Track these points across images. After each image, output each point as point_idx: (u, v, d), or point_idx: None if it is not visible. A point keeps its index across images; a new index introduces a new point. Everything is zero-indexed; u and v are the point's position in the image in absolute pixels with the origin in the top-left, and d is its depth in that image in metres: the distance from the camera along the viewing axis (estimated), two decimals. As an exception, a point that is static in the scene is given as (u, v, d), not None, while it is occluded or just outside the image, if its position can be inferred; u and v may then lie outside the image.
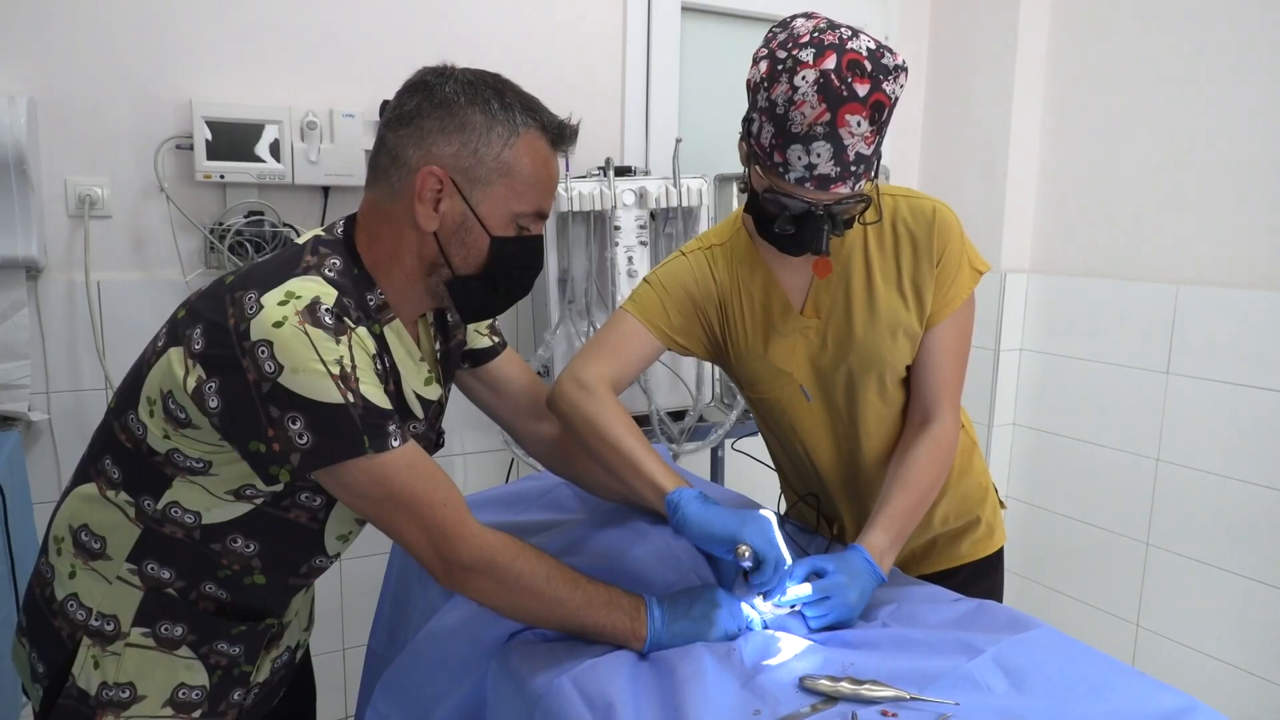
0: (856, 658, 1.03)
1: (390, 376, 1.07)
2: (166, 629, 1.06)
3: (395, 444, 0.99)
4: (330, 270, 1.03)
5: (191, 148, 1.98)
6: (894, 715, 0.93)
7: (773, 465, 1.61)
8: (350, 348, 0.96)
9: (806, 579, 1.14)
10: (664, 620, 1.07)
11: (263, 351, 0.93)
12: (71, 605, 1.07)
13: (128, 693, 1.06)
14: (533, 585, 1.04)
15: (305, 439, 0.95)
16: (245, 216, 2.06)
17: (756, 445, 1.67)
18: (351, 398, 0.95)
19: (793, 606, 1.13)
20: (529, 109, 1.06)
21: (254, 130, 2.01)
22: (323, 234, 1.09)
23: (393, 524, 1.02)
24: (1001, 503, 1.57)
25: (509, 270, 1.09)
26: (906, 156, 3.06)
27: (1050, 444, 2.83)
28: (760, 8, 2.72)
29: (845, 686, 0.95)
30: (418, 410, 1.13)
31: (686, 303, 1.35)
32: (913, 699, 0.94)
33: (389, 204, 1.06)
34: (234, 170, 2.00)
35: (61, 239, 1.96)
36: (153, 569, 1.06)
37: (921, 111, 3.07)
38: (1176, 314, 2.46)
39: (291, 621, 1.23)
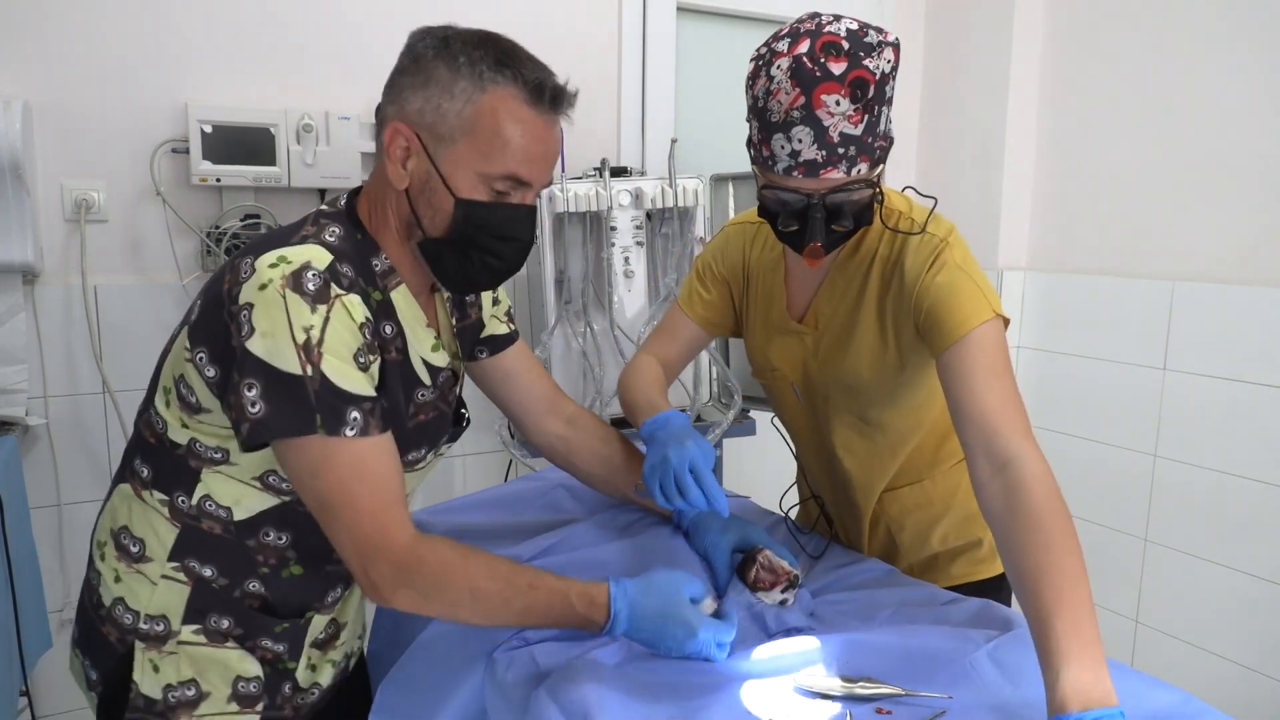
0: (850, 656, 1.03)
1: (394, 342, 1.05)
2: (215, 621, 1.05)
3: (349, 433, 0.93)
4: (330, 236, 1.02)
5: (187, 151, 1.98)
6: (888, 713, 0.93)
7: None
8: (328, 317, 0.92)
9: None
10: (630, 627, 1.02)
11: (244, 314, 0.92)
12: (119, 610, 1.05)
13: (193, 690, 1.05)
14: (455, 599, 0.99)
15: (257, 408, 0.91)
16: (242, 220, 2.06)
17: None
18: (310, 370, 0.91)
19: None
20: (502, 64, 1.00)
21: (250, 133, 2.01)
22: (325, 206, 1.09)
23: (324, 525, 0.98)
24: None
25: (480, 237, 1.04)
26: (903, 155, 3.06)
27: (1048, 441, 2.80)
28: (756, 8, 2.72)
29: (838, 685, 0.95)
30: (425, 377, 1.10)
31: (716, 272, 1.44)
32: (907, 695, 0.94)
33: (378, 165, 1.07)
34: (230, 173, 2.00)
35: (58, 243, 1.97)
36: (194, 566, 1.04)
37: (917, 109, 3.07)
38: (1173, 310, 2.47)
39: (347, 624, 1.20)
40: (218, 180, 2.00)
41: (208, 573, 1.05)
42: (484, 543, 1.35)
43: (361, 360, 0.96)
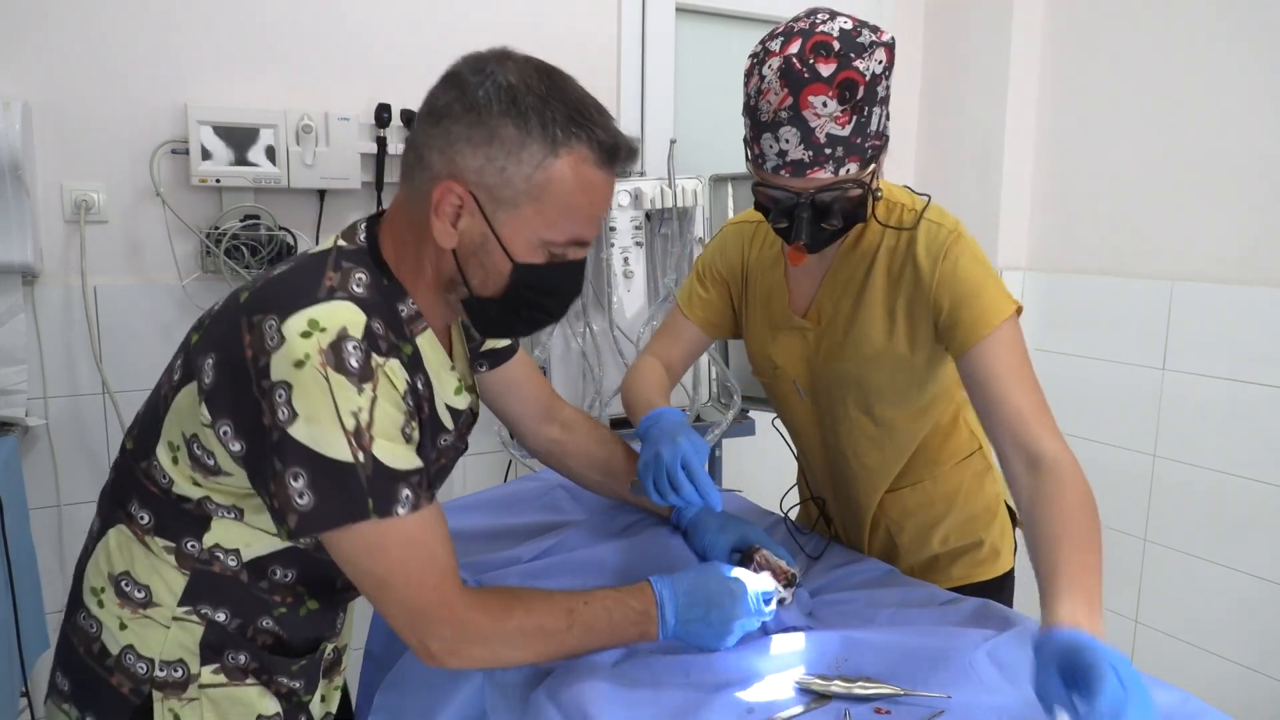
0: (849, 655, 1.03)
1: (424, 394, 1.00)
2: (232, 657, 1.01)
3: (401, 511, 0.90)
4: (358, 286, 0.93)
5: (187, 152, 1.98)
6: (887, 712, 0.93)
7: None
8: (375, 396, 0.88)
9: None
10: (678, 620, 1.02)
11: (280, 395, 0.85)
12: (130, 658, 0.99)
13: None
14: (523, 638, 0.97)
15: (305, 498, 0.87)
16: (241, 220, 2.06)
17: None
18: (362, 457, 0.87)
19: None
20: (576, 123, 0.92)
21: (250, 134, 2.01)
22: (344, 244, 0.99)
23: (378, 601, 0.94)
24: (1019, 523, 1.49)
25: (534, 297, 0.99)
26: (902, 155, 3.06)
27: (1048, 441, 2.83)
28: (754, 8, 2.72)
29: (838, 685, 0.95)
30: (448, 422, 1.06)
31: (714, 272, 1.45)
32: (906, 694, 0.94)
33: (412, 208, 0.97)
34: (230, 174, 2.00)
35: (58, 244, 1.97)
36: (207, 612, 0.99)
37: (916, 109, 3.07)
38: (1172, 310, 2.47)
39: (345, 646, 1.19)
40: (217, 181, 2.00)
41: (220, 617, 1.00)
42: (483, 544, 1.36)
43: (407, 432, 0.93)
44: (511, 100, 0.90)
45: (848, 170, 1.11)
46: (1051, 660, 0.86)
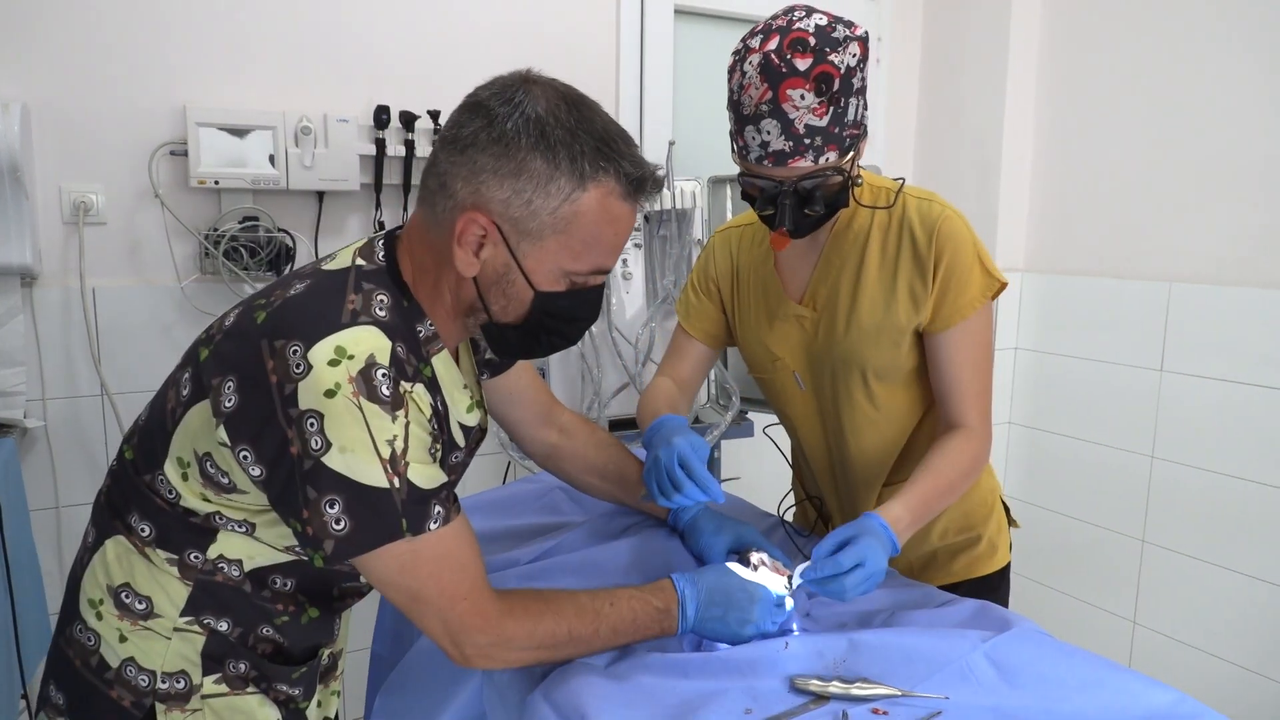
0: (846, 656, 1.03)
1: (442, 416, 1.01)
2: (233, 666, 1.01)
3: (433, 526, 0.92)
4: (380, 309, 0.93)
5: (186, 153, 1.99)
6: (885, 713, 0.93)
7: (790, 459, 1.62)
8: (407, 423, 0.89)
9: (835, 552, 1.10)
10: (697, 618, 1.05)
11: (311, 424, 0.85)
12: (130, 671, 0.98)
13: None
14: (554, 644, 0.99)
15: (342, 524, 0.88)
16: (240, 222, 2.07)
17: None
18: (398, 483, 0.89)
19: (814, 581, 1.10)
20: (604, 155, 0.92)
21: (248, 135, 2.01)
22: (363, 263, 0.98)
23: (413, 613, 0.96)
24: (1013, 521, 1.54)
25: (554, 324, 1.01)
26: (901, 155, 3.07)
27: (1046, 442, 2.84)
28: (753, 9, 2.72)
29: (835, 686, 0.96)
30: (460, 440, 1.07)
31: (706, 282, 1.50)
32: (903, 695, 0.95)
33: (433, 233, 0.97)
34: (228, 176, 2.00)
35: (56, 246, 1.97)
36: (209, 622, 0.99)
37: (915, 111, 3.08)
38: (1170, 312, 2.47)
39: (342, 650, 1.19)
40: (216, 182, 2.00)
41: (223, 627, 1.00)
42: (482, 546, 1.35)
43: (433, 452, 0.95)
44: (540, 133, 0.90)
45: (827, 159, 1.18)
46: (848, 529, 1.10)
